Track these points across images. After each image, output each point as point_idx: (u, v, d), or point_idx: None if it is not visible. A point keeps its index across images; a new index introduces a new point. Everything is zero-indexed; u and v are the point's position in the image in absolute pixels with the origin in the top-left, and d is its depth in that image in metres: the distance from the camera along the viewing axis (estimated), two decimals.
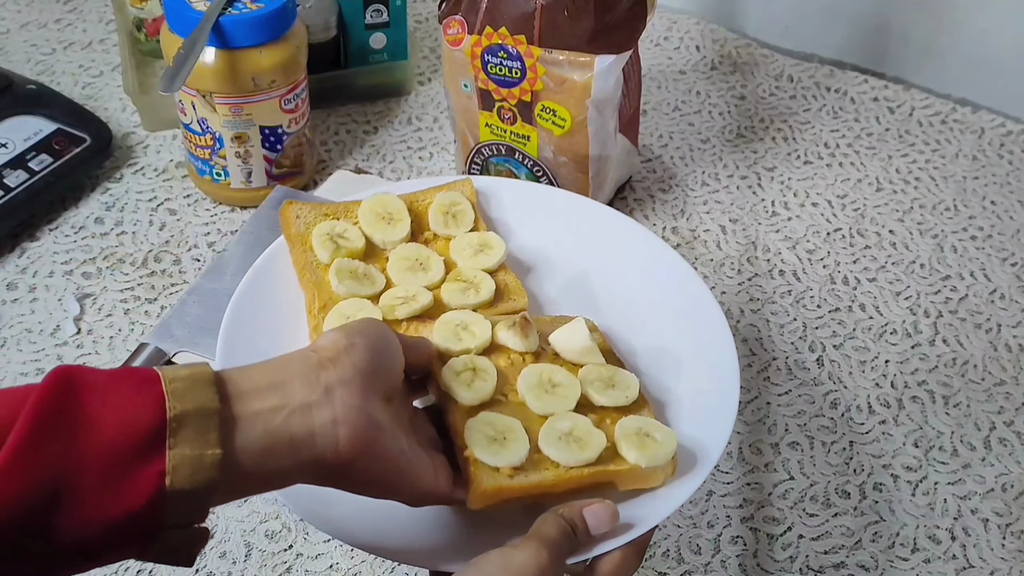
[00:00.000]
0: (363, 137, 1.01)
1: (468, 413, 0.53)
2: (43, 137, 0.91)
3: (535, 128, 0.84)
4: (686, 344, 0.63)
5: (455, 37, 0.82)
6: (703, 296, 0.65)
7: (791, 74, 1.13)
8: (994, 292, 0.89)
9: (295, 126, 0.89)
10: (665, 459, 0.53)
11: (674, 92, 1.10)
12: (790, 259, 0.91)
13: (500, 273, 0.66)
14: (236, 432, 0.41)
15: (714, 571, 0.67)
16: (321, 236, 0.64)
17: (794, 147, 1.04)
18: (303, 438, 0.42)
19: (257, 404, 0.42)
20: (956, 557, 0.69)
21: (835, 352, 0.83)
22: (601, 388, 0.56)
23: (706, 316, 0.64)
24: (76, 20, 1.14)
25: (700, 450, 0.56)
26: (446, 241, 0.67)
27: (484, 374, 0.55)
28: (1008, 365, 0.83)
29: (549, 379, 0.56)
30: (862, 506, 0.72)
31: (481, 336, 0.57)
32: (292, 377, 0.44)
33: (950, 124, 1.08)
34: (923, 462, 0.75)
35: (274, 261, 0.65)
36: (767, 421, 0.77)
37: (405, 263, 0.64)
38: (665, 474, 0.54)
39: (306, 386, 0.43)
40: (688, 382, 0.61)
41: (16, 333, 0.79)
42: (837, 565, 0.68)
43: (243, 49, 0.82)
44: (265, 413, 0.42)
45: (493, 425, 0.52)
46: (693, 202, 0.96)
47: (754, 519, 0.71)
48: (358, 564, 0.66)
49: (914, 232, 0.95)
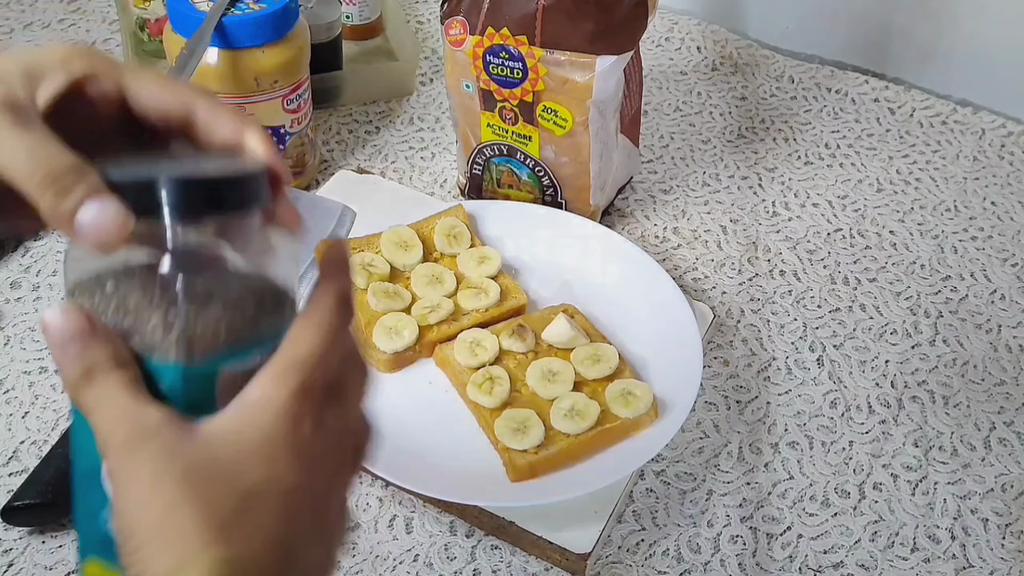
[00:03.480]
0: (365, 137, 1.01)
1: (494, 415, 0.69)
2: None
3: (536, 128, 0.84)
4: (651, 313, 0.79)
5: (457, 38, 0.82)
6: (659, 274, 0.81)
7: (792, 75, 1.13)
8: (994, 293, 0.90)
9: (297, 126, 0.89)
10: (646, 408, 0.69)
11: (675, 93, 1.10)
12: (791, 259, 0.91)
13: (500, 278, 0.80)
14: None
15: (714, 570, 0.68)
16: (356, 267, 0.78)
17: (795, 148, 1.04)
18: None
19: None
20: (956, 557, 0.70)
21: (835, 352, 0.83)
22: (589, 365, 0.72)
23: (663, 289, 0.80)
24: (79, 20, 1.14)
25: (679, 397, 0.71)
26: (452, 258, 0.81)
27: (500, 380, 0.71)
28: (1008, 365, 0.83)
29: (549, 370, 0.72)
30: (861, 506, 0.72)
31: (492, 349, 0.73)
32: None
33: (951, 125, 1.08)
34: (923, 462, 0.75)
35: None
36: (767, 421, 0.77)
37: (424, 279, 0.78)
38: (650, 419, 0.70)
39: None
40: (657, 344, 0.76)
41: (19, 332, 0.79)
42: (836, 564, 0.69)
43: (246, 49, 0.82)
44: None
45: (514, 419, 0.68)
46: (694, 202, 0.96)
47: (754, 518, 0.71)
48: (359, 563, 0.66)
49: (914, 233, 0.95)
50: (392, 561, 0.66)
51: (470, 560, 0.67)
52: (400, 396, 0.73)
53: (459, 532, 0.68)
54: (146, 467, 0.32)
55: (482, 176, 0.91)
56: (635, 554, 0.68)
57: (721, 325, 0.84)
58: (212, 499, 0.32)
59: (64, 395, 0.74)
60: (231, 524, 0.32)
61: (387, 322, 0.75)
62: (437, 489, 0.65)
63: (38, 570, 0.64)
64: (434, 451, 0.69)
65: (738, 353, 0.82)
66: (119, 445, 0.32)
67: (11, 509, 0.65)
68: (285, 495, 0.33)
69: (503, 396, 0.70)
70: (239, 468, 0.32)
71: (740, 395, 0.79)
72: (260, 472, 0.33)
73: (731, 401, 0.78)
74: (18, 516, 0.65)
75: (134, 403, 0.33)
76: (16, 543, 0.65)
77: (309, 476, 0.34)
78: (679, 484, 0.72)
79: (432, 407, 0.73)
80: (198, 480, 0.32)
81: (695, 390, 0.71)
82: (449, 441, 0.70)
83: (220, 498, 0.32)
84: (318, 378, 0.34)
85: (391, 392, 0.73)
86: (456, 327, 0.75)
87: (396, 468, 0.66)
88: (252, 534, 0.32)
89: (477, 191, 0.92)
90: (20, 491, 0.65)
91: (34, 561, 0.65)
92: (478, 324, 0.76)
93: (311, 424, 0.34)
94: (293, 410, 0.34)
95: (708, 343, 0.82)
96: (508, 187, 0.90)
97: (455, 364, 0.73)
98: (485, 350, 0.73)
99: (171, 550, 0.31)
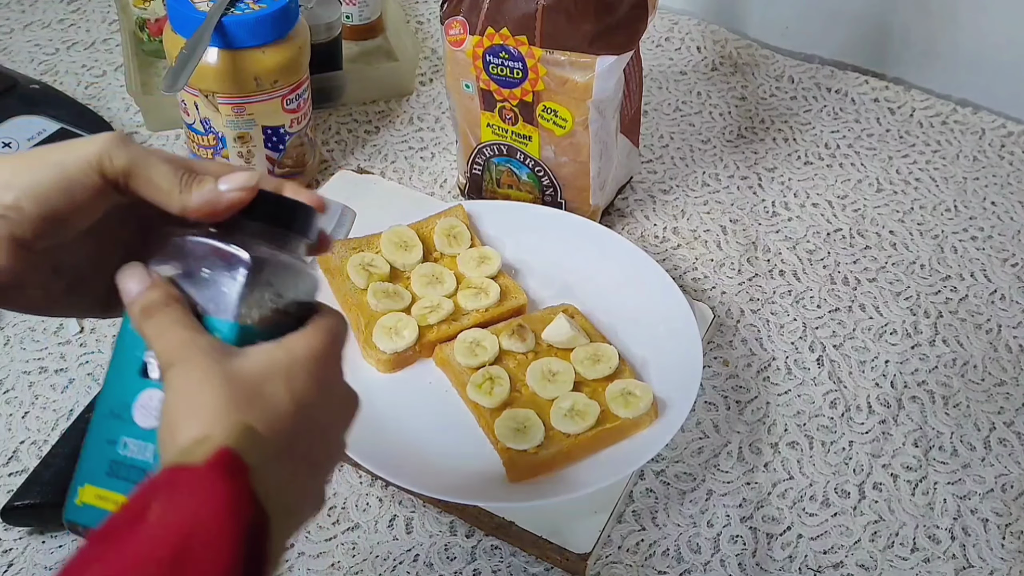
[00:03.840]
0: (365, 137, 1.01)
1: (494, 415, 0.69)
2: (47, 137, 0.91)
3: (536, 128, 0.84)
4: (651, 313, 0.78)
5: (457, 38, 0.82)
6: (659, 274, 0.81)
7: (792, 75, 1.13)
8: (994, 293, 0.90)
9: (297, 126, 0.89)
10: (646, 408, 0.69)
11: (675, 93, 1.10)
12: (790, 259, 0.91)
13: (500, 278, 0.80)
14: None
15: (713, 570, 0.68)
16: (355, 266, 0.78)
17: (794, 148, 1.04)
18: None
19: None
20: (955, 557, 0.70)
21: (835, 352, 0.83)
22: (589, 365, 0.72)
23: (663, 289, 0.80)
24: (79, 20, 1.14)
25: (679, 397, 0.71)
26: (452, 258, 0.81)
27: (500, 380, 0.71)
28: (1008, 366, 0.83)
29: (549, 370, 0.72)
30: (861, 506, 0.72)
31: (491, 349, 0.73)
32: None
33: (951, 125, 1.08)
34: (923, 462, 0.75)
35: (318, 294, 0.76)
36: (767, 421, 0.77)
37: (424, 279, 0.78)
38: (650, 419, 0.70)
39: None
40: (657, 344, 0.76)
41: (19, 332, 0.79)
42: (836, 565, 0.69)
43: (246, 49, 0.82)
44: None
45: (514, 419, 0.69)
46: (694, 202, 0.96)
47: (753, 518, 0.71)
48: (359, 563, 0.66)
49: (914, 233, 0.95)
50: (392, 561, 0.66)
51: (470, 560, 0.67)
52: (400, 396, 0.73)
53: (459, 532, 0.68)
54: (197, 368, 0.39)
55: (482, 176, 0.91)
56: (635, 554, 0.68)
57: (721, 325, 0.84)
58: (241, 386, 0.39)
59: (63, 395, 0.75)
60: (253, 403, 0.39)
61: (387, 322, 0.74)
62: (437, 489, 0.65)
63: (38, 570, 0.64)
64: (434, 451, 0.69)
65: (738, 353, 0.82)
66: (178, 355, 0.40)
67: (11, 509, 0.65)
68: (300, 401, 0.40)
69: (503, 396, 0.70)
70: (268, 373, 0.40)
71: (740, 395, 0.79)
72: (282, 381, 0.40)
73: (731, 401, 0.78)
74: (18, 516, 0.65)
75: (189, 331, 0.41)
76: (16, 543, 0.65)
77: (320, 397, 0.42)
78: (679, 484, 0.72)
79: (432, 407, 0.73)
80: (235, 378, 0.39)
81: (695, 390, 0.71)
82: (449, 441, 0.70)
83: (247, 387, 0.39)
84: (339, 343, 0.44)
85: (391, 392, 0.73)
86: (456, 327, 0.75)
87: (396, 468, 0.66)
88: (270, 416, 0.39)
89: (477, 191, 0.92)
90: (20, 491, 0.65)
91: (34, 561, 0.65)
92: (478, 324, 0.76)
93: (328, 365, 0.43)
94: (318, 350, 0.42)
95: (708, 343, 0.82)
96: (508, 187, 0.90)
97: (455, 364, 0.73)
98: (485, 350, 0.73)
99: (200, 419, 0.38)
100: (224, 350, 0.41)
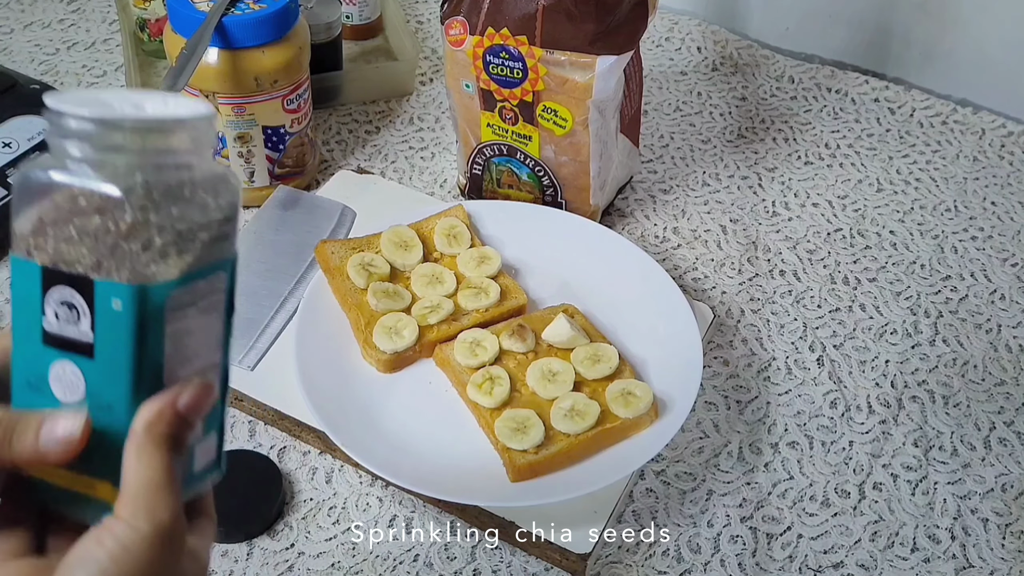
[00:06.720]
0: (365, 137, 1.01)
1: (494, 415, 0.69)
2: None
3: (536, 128, 0.84)
4: (651, 313, 0.78)
5: (457, 38, 0.82)
6: (659, 274, 0.81)
7: (792, 75, 1.13)
8: (994, 293, 0.90)
9: (297, 126, 0.89)
10: (646, 409, 0.69)
11: (675, 93, 1.10)
12: (790, 259, 0.91)
13: (500, 278, 0.80)
14: None
15: (713, 570, 0.68)
16: (355, 266, 0.78)
17: (795, 148, 1.04)
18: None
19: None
20: (956, 557, 0.70)
21: (835, 352, 0.83)
22: (589, 365, 0.72)
23: (663, 289, 0.80)
24: (79, 20, 1.14)
25: (679, 397, 0.71)
26: (452, 258, 0.81)
27: (500, 380, 0.71)
28: (1008, 365, 0.83)
29: (549, 370, 0.72)
30: (861, 506, 0.72)
31: (491, 349, 0.73)
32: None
33: (951, 125, 1.08)
34: (923, 462, 0.75)
35: (318, 294, 0.78)
36: (767, 421, 0.77)
37: (425, 279, 0.78)
38: (650, 419, 0.70)
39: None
40: (657, 344, 0.76)
41: None
42: (836, 565, 0.69)
43: (246, 49, 0.82)
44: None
45: (514, 419, 0.68)
46: (694, 202, 0.96)
47: (753, 518, 0.71)
48: (359, 563, 0.66)
49: (914, 232, 0.95)
50: (392, 561, 0.66)
51: (470, 560, 0.67)
52: (400, 396, 0.73)
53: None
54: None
55: (482, 176, 0.91)
56: (635, 554, 0.68)
57: (721, 325, 0.84)
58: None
59: None
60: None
61: (387, 322, 0.74)
62: (437, 489, 0.65)
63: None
64: (434, 451, 0.69)
65: (738, 353, 0.82)
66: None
67: None
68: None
69: (503, 396, 0.70)
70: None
71: (740, 395, 0.79)
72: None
73: (731, 401, 0.78)
74: None
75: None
76: None
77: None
78: (679, 484, 0.72)
79: (432, 407, 0.73)
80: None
81: (695, 390, 0.71)
82: (449, 441, 0.70)
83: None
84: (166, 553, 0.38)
85: (391, 392, 0.73)
86: (456, 327, 0.75)
87: (396, 468, 0.66)
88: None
89: (477, 191, 0.92)
90: None
91: None
92: (478, 324, 0.76)
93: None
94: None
95: (708, 343, 0.82)
96: (508, 187, 0.90)
97: (455, 364, 0.73)
98: (485, 350, 0.73)
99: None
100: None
